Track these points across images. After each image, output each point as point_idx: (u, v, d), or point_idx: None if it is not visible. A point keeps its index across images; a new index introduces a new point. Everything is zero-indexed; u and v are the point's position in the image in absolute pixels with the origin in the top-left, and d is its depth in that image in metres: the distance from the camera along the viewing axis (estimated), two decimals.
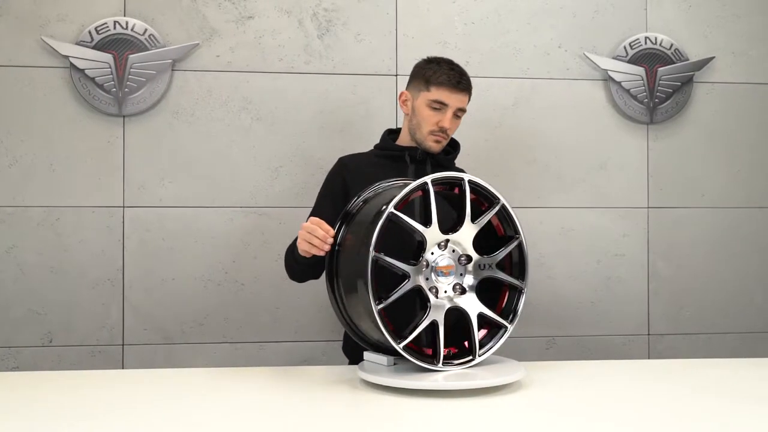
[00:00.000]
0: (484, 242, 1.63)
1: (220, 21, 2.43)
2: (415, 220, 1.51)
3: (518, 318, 1.60)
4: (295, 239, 1.78)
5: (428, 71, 1.85)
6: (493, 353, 1.60)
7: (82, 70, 2.34)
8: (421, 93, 1.86)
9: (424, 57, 1.95)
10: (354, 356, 1.92)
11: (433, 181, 1.50)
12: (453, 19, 2.54)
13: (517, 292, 1.64)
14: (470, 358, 1.57)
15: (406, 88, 1.96)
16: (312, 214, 1.94)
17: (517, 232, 1.61)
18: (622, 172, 2.61)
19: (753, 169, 2.67)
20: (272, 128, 2.45)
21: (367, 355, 1.67)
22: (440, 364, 1.48)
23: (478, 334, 1.63)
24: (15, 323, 2.34)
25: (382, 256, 1.45)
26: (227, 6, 2.44)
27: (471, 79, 1.92)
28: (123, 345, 2.39)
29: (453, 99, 1.83)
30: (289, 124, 2.46)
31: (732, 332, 2.65)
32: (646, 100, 2.59)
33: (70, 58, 2.34)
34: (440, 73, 1.83)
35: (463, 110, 1.88)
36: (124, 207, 2.39)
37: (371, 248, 1.45)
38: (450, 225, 1.57)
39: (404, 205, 1.52)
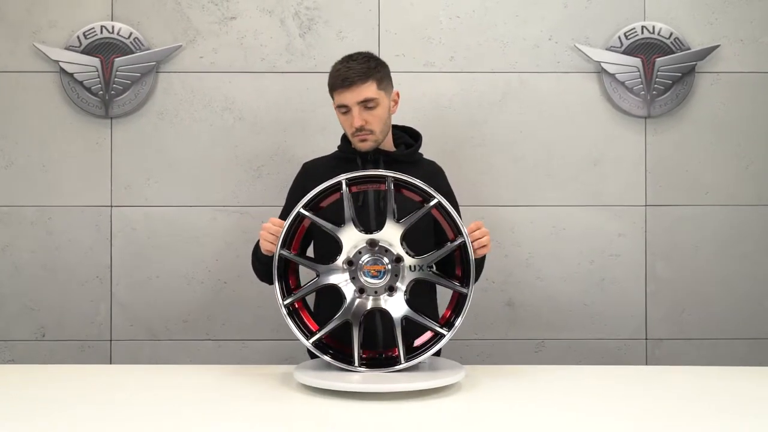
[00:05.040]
0: (429, 244, 1.59)
1: (204, 22, 2.46)
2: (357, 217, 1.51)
3: (456, 326, 1.52)
4: (258, 241, 1.80)
5: (328, 78, 1.81)
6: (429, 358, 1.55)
7: (71, 74, 2.42)
8: (332, 101, 1.83)
9: None
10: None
11: (350, 179, 1.47)
12: (437, 14, 2.48)
13: (463, 297, 1.58)
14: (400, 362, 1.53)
15: None
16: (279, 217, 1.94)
17: (459, 233, 1.54)
18: (618, 169, 2.49)
19: (764, 164, 2.49)
20: (254, 128, 2.47)
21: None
22: (356, 365, 1.45)
23: (421, 338, 1.59)
24: (10, 318, 2.45)
25: (288, 254, 1.47)
26: (210, 7, 2.47)
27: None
28: (111, 340, 2.46)
29: (348, 97, 1.76)
30: (271, 124, 2.47)
31: (740, 338, 2.48)
32: (642, 92, 2.46)
33: (60, 63, 2.42)
34: (330, 78, 1.79)
35: (370, 100, 1.76)
36: (111, 206, 2.46)
37: (278, 246, 1.51)
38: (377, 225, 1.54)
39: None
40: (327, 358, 1.45)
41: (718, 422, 1.23)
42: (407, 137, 1.96)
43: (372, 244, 1.48)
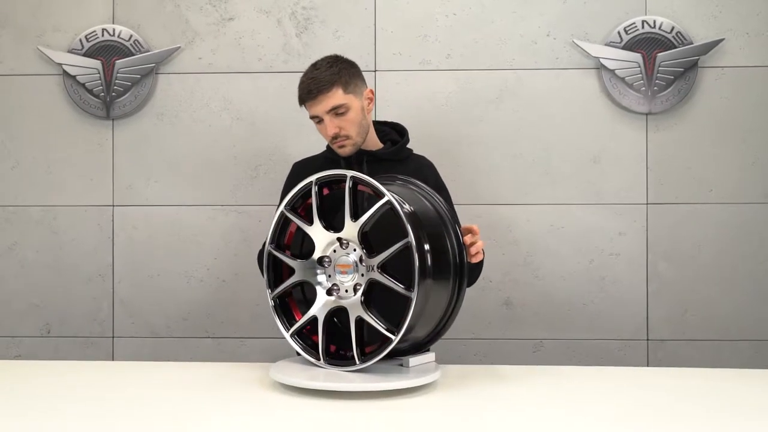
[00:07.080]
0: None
1: (202, 24, 2.49)
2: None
3: (402, 330, 1.42)
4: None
5: (297, 92, 1.81)
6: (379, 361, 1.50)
7: (73, 77, 2.47)
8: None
9: None
10: None
11: (319, 179, 1.48)
12: (434, 11, 2.47)
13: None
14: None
15: None
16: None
17: (405, 233, 1.48)
18: (618, 166, 2.45)
19: None
20: (252, 128, 2.49)
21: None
22: (321, 361, 1.47)
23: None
24: (17, 315, 2.51)
25: (274, 250, 1.53)
26: (208, 9, 2.49)
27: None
28: (113, 337, 2.51)
29: (317, 108, 1.76)
30: (268, 124, 2.49)
31: (745, 339, 2.42)
32: (643, 88, 2.41)
33: (63, 66, 2.48)
34: (298, 91, 1.79)
35: (339, 106, 1.75)
36: (113, 206, 2.50)
37: (266, 242, 1.56)
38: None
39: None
40: (300, 350, 1.48)
41: (722, 426, 1.19)
42: (395, 134, 1.95)
43: (346, 243, 1.49)
